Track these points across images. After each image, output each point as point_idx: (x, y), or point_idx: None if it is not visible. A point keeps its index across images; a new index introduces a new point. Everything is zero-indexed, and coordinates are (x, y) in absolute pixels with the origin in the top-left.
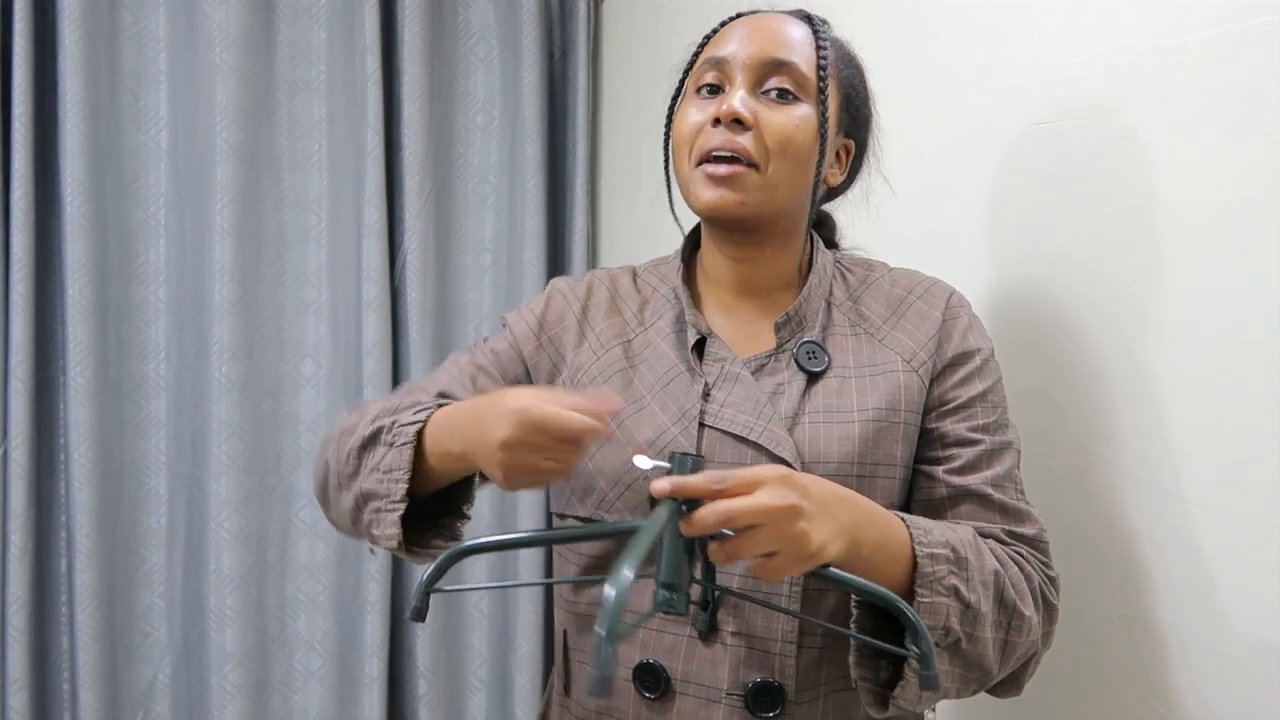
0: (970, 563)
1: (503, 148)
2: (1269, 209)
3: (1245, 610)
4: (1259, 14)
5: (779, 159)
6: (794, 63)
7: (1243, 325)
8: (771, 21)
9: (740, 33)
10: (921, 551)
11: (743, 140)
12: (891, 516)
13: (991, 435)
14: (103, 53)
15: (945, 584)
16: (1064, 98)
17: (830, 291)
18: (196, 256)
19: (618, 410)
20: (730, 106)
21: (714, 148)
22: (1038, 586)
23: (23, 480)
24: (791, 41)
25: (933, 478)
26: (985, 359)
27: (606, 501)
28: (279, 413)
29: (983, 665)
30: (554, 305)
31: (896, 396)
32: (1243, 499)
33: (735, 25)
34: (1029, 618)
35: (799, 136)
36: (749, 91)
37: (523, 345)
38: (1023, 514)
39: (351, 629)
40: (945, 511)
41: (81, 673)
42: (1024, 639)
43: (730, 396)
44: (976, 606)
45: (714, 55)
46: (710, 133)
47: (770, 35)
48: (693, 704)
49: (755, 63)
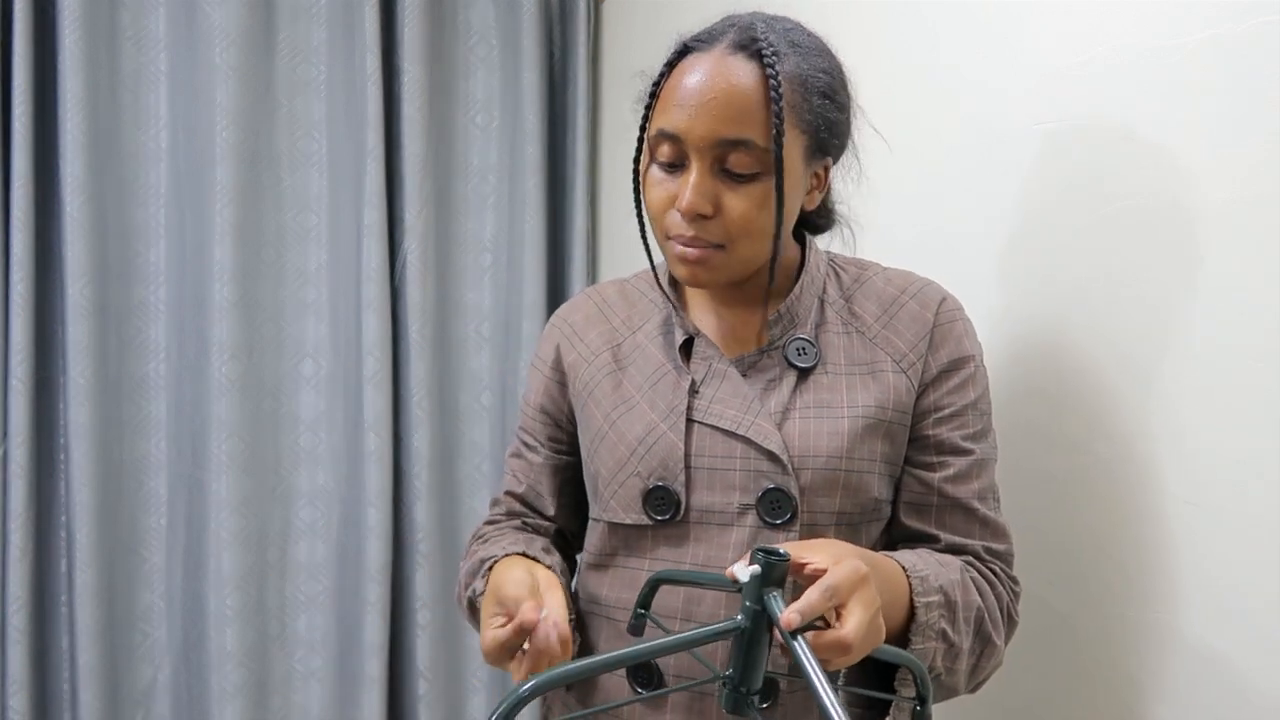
0: (958, 605)
1: (503, 148)
2: (1269, 209)
3: (1246, 611)
4: (1259, 14)
5: (743, 238)
6: (749, 140)
7: (1243, 325)
8: (719, 82)
9: (690, 100)
10: (919, 602)
11: (706, 231)
12: (894, 567)
13: (979, 444)
14: (103, 53)
15: (936, 629)
16: (1064, 98)
17: (824, 289)
18: (196, 256)
19: (534, 620)
20: (689, 203)
21: (679, 237)
22: (1005, 606)
23: (23, 480)
24: (745, 109)
25: (926, 484)
26: (977, 365)
27: (602, 500)
28: (279, 413)
29: (954, 689)
30: (550, 336)
31: (886, 396)
32: (1243, 499)
33: (684, 87)
34: (999, 647)
35: (762, 216)
36: (707, 172)
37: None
38: (1000, 530)
39: (351, 629)
40: (932, 519)
41: (81, 673)
42: (991, 663)
43: (718, 393)
44: (959, 646)
45: (666, 129)
46: (674, 217)
47: (722, 107)
48: (685, 697)
49: (709, 144)
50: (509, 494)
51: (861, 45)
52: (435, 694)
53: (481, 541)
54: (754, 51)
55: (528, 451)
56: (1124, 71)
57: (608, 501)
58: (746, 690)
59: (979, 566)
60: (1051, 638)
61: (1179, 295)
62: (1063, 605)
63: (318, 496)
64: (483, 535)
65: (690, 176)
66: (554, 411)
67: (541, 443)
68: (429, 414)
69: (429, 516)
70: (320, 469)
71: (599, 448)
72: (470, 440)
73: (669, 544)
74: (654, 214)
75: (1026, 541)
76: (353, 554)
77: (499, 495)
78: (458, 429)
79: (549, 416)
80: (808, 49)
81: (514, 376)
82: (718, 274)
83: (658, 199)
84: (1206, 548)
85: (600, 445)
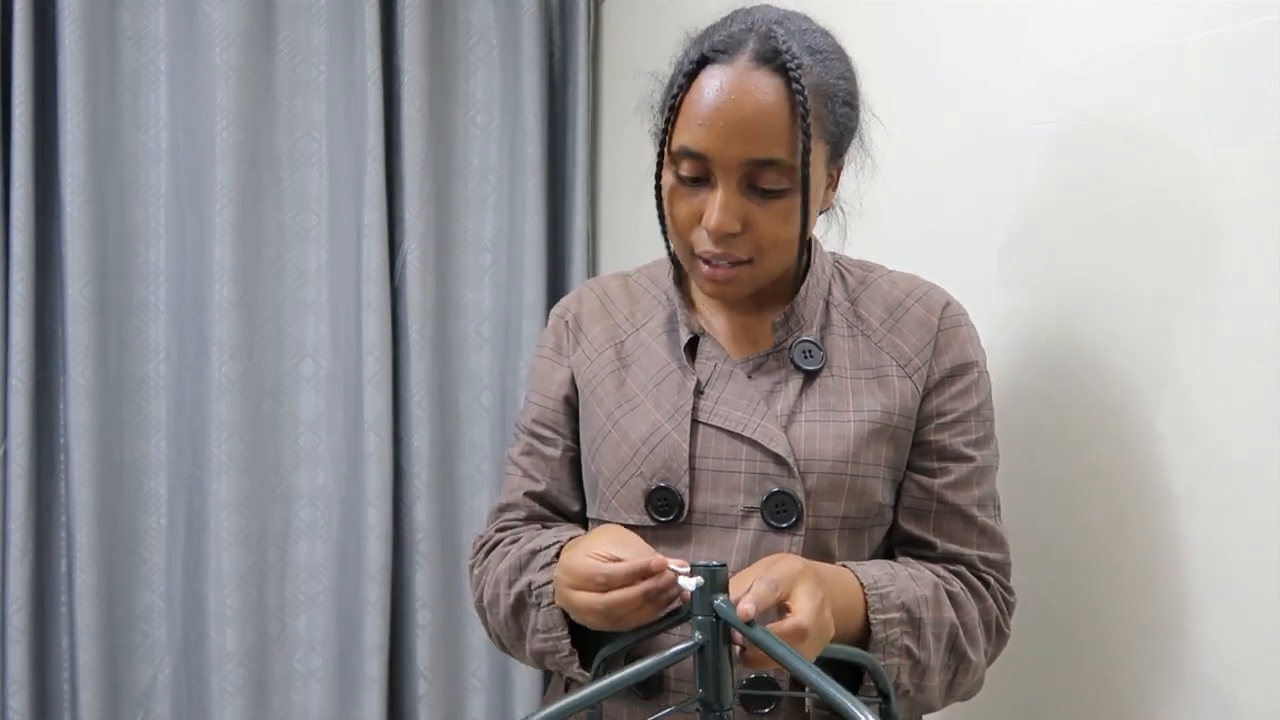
0: (925, 621)
1: (503, 148)
2: (1270, 208)
3: (1247, 611)
4: (1259, 14)
5: (771, 251)
6: (779, 159)
7: (1243, 325)
8: (747, 101)
9: (718, 120)
10: (875, 619)
11: (734, 247)
12: (851, 580)
13: (981, 451)
14: (103, 53)
15: (897, 645)
16: (1064, 98)
17: (829, 291)
18: (196, 256)
19: (662, 563)
20: (718, 223)
21: (707, 254)
22: (994, 619)
23: (23, 480)
24: (774, 128)
25: (926, 490)
26: (981, 371)
27: (603, 500)
28: (279, 413)
29: (929, 705)
30: (555, 328)
31: (891, 401)
32: (1247, 501)
33: (709, 105)
34: (976, 663)
35: (789, 228)
36: (735, 191)
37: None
38: (998, 539)
39: (351, 629)
40: (930, 525)
41: (81, 673)
42: (969, 679)
43: (724, 394)
44: (926, 662)
45: (692, 148)
46: (701, 234)
47: (751, 128)
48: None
49: (737, 164)
50: (528, 495)
51: (861, 45)
52: (435, 694)
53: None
54: (778, 65)
55: (543, 446)
56: (1124, 71)
57: (609, 501)
58: (720, 708)
59: (970, 577)
60: (1053, 639)
61: (1180, 295)
62: (1064, 606)
63: (318, 496)
64: (500, 540)
65: (718, 196)
66: (575, 400)
67: (563, 435)
68: (429, 414)
69: (429, 516)
70: (320, 469)
71: (600, 446)
72: (470, 440)
73: (670, 546)
74: (678, 229)
75: (1027, 543)
76: (353, 554)
77: (509, 500)
78: (458, 429)
79: (571, 407)
80: (825, 53)
81: (514, 376)
82: (745, 288)
83: (682, 214)
84: (1209, 550)
85: (602, 444)
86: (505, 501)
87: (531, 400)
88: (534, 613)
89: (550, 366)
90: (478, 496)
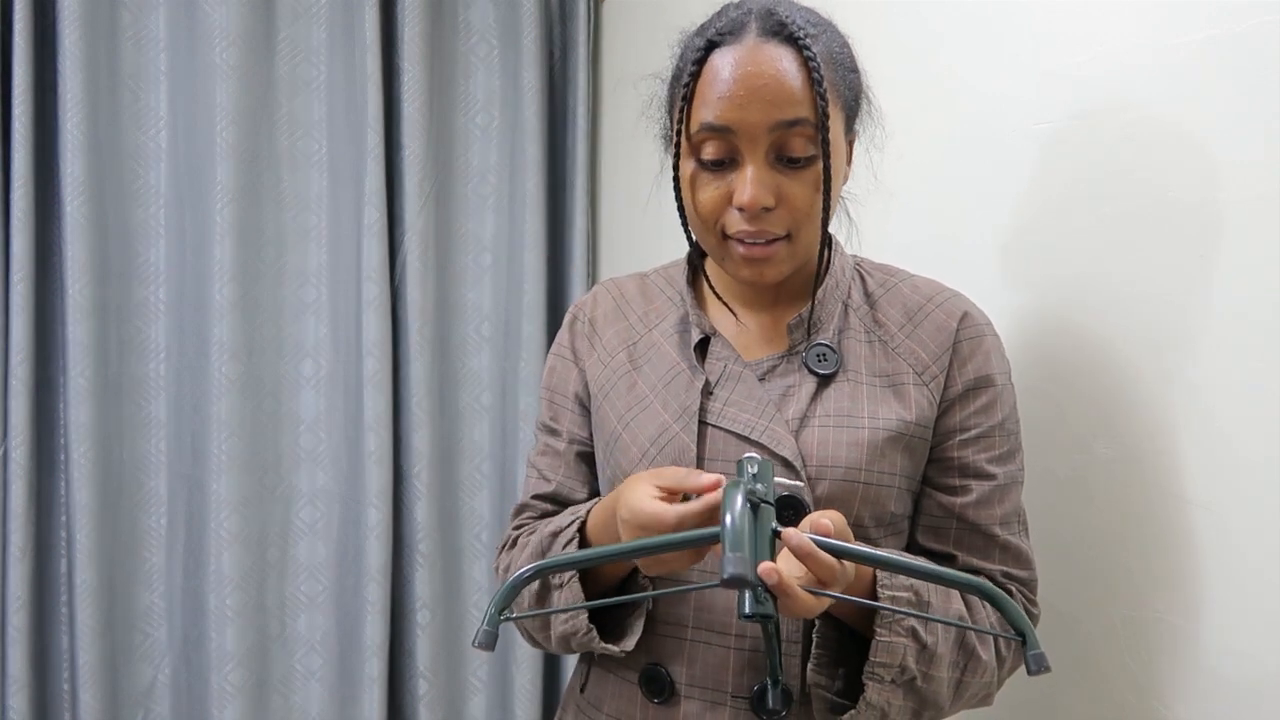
0: (933, 605)
1: (503, 148)
2: (1271, 208)
3: (1248, 611)
4: (1259, 14)
5: (807, 223)
6: (803, 119)
7: (1244, 325)
8: (765, 67)
9: (738, 90)
10: (883, 594)
11: (770, 223)
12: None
13: (1005, 467)
14: (103, 53)
15: (904, 624)
16: (1064, 98)
17: (848, 294)
18: (196, 256)
19: (717, 482)
20: (752, 197)
21: (744, 233)
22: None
23: (23, 480)
24: (794, 90)
25: (947, 509)
26: (1004, 383)
27: None
28: (279, 413)
29: (936, 702)
30: (572, 328)
31: (908, 409)
32: (1246, 500)
33: (727, 79)
34: (985, 662)
35: (821, 199)
36: (764, 163)
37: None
38: (1023, 556)
39: (351, 629)
40: (949, 541)
41: (81, 673)
42: (978, 679)
43: (733, 395)
44: (933, 648)
45: (712, 123)
46: (734, 215)
47: (773, 91)
48: (698, 706)
49: (764, 131)
50: (536, 496)
51: (861, 45)
52: (435, 694)
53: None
54: (786, 36)
55: (554, 441)
56: (1124, 71)
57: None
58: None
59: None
60: (1055, 639)
61: (1180, 295)
62: (1067, 606)
63: (318, 496)
64: (518, 535)
65: (747, 172)
66: (586, 399)
67: (572, 430)
68: (429, 414)
69: (429, 516)
70: (320, 469)
71: (614, 450)
72: (470, 440)
73: None
74: (705, 216)
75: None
76: (353, 554)
77: (523, 501)
78: (458, 429)
79: (583, 405)
80: (823, 26)
81: (514, 376)
82: (784, 265)
83: (709, 200)
84: (1214, 549)
85: (615, 447)
86: (521, 502)
87: (544, 398)
88: (555, 594)
89: (564, 365)
90: (478, 496)
